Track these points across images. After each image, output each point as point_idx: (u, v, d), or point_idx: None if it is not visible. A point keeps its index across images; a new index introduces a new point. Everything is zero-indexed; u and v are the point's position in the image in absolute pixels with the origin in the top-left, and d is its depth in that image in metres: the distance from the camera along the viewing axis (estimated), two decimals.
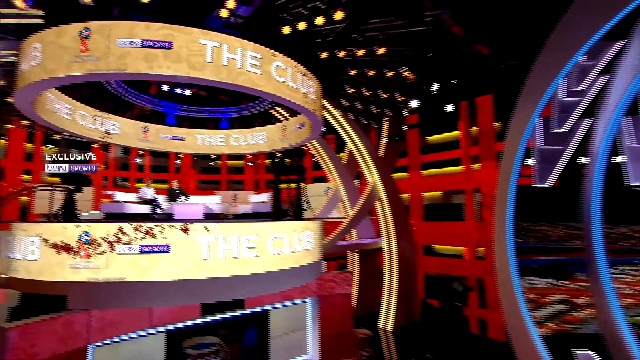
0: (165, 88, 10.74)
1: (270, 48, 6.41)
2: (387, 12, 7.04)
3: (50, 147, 11.06)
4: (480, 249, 12.41)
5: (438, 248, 14.26)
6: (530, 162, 6.73)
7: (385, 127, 13.87)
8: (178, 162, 19.90)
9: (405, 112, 10.90)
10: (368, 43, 7.58)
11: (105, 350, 5.75)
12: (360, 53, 7.68)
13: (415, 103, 9.79)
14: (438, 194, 14.71)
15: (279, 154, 18.72)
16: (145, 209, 9.32)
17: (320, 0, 6.71)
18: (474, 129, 13.16)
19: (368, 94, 10.29)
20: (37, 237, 5.41)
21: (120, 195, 9.36)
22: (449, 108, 9.77)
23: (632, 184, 6.05)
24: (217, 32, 6.08)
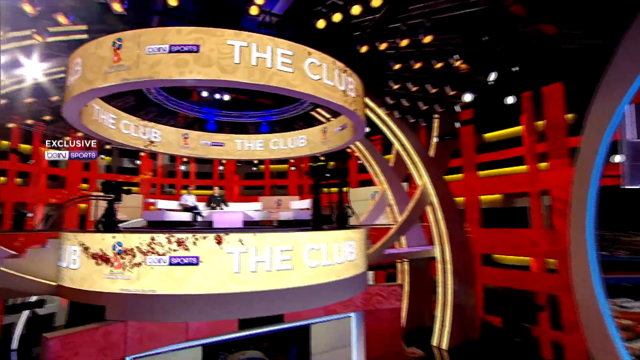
0: (205, 94, 10.96)
1: (308, 46, 6.14)
2: None
3: (103, 157, 11.87)
4: (551, 261, 11.06)
5: (499, 258, 13.03)
6: (618, 159, 5.68)
7: (436, 125, 13.00)
8: (221, 168, 20.49)
9: (458, 107, 10.01)
10: (412, 32, 6.98)
11: None
12: (404, 44, 7.10)
13: (469, 97, 8.92)
14: (498, 197, 13.50)
15: (322, 157, 18.58)
16: (187, 217, 9.49)
17: None
18: (540, 123, 11.86)
19: (415, 90, 9.62)
20: (78, 246, 5.58)
21: (162, 203, 9.63)
22: (510, 100, 8.72)
23: None
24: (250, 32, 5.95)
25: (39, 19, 6.12)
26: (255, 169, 20.30)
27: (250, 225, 9.36)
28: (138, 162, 16.16)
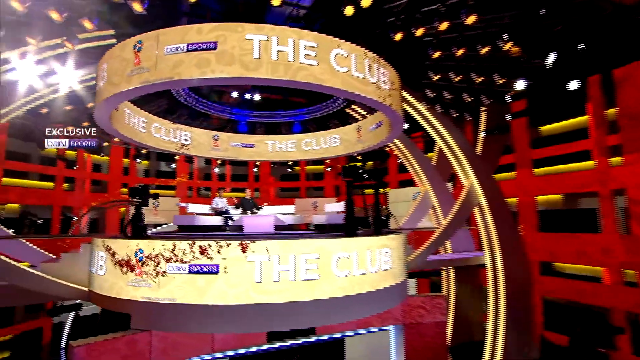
0: (235, 94, 10.97)
1: (340, 38, 5.81)
2: None
3: (138, 161, 12.34)
4: (630, 272, 9.78)
5: (561, 266, 11.82)
6: None
7: (483, 118, 12.08)
8: (255, 170, 20.69)
9: (509, 97, 9.11)
10: (452, 13, 6.35)
11: None
12: (444, 27, 6.47)
13: (522, 84, 8.03)
14: (557, 198, 12.30)
15: (359, 157, 18.09)
16: (218, 221, 9.51)
17: None
18: (611, 112, 10.58)
19: (458, 80, 8.88)
20: (104, 252, 5.66)
21: (193, 207, 9.73)
22: (573, 86, 7.63)
23: None
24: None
25: (68, 27, 6.32)
26: (290, 171, 20.27)
27: (282, 230, 9.17)
28: (172, 165, 16.75)
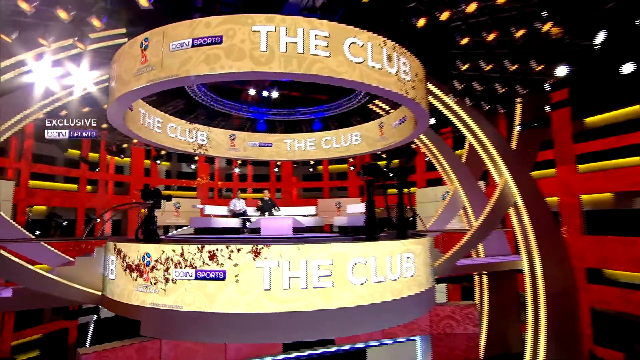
0: (252, 92, 10.88)
1: (360, 28, 5.55)
2: None
3: (158, 162, 12.54)
4: None
5: (612, 274, 10.93)
6: None
7: (518, 110, 11.35)
8: (277, 170, 20.62)
9: (548, 85, 8.42)
10: None
11: None
12: (472, 9, 5.99)
13: (564, 70, 7.34)
14: (607, 197, 11.42)
15: (384, 155, 17.65)
16: (235, 223, 9.43)
17: None
18: None
19: (489, 69, 8.31)
20: (115, 255, 5.65)
21: (210, 209, 9.70)
22: (627, 69, 6.74)
23: None
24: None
25: (80, 27, 6.37)
26: (313, 170, 20.09)
27: (300, 232, 8.98)
28: (192, 166, 16.98)
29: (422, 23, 6.46)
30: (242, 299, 4.68)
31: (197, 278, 4.66)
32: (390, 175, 6.63)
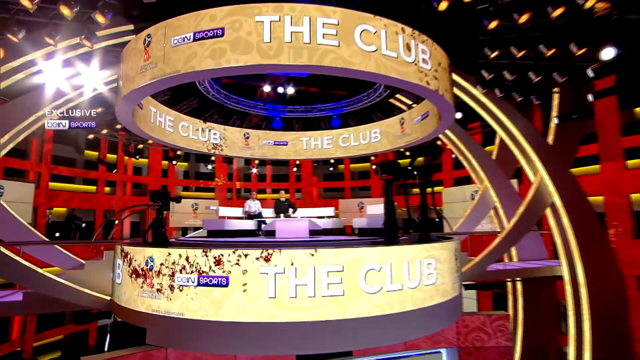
0: (267, 89, 10.76)
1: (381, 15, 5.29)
2: None
3: (174, 162, 12.66)
4: None
5: None
6: None
7: (556, 101, 10.71)
8: (296, 169, 20.50)
9: (590, 72, 7.77)
10: None
11: None
12: None
13: (611, 53, 6.70)
14: None
15: (407, 153, 17.17)
16: (250, 225, 9.33)
17: None
18: None
19: (521, 55, 7.80)
20: (121, 259, 5.60)
21: (224, 211, 9.64)
22: None
23: None
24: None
25: (85, 24, 6.40)
26: (333, 170, 19.84)
27: (317, 235, 8.76)
28: (209, 166, 17.13)
29: (444, 6, 6.09)
30: (249, 307, 4.50)
31: (199, 284, 4.51)
32: (413, 174, 6.31)
